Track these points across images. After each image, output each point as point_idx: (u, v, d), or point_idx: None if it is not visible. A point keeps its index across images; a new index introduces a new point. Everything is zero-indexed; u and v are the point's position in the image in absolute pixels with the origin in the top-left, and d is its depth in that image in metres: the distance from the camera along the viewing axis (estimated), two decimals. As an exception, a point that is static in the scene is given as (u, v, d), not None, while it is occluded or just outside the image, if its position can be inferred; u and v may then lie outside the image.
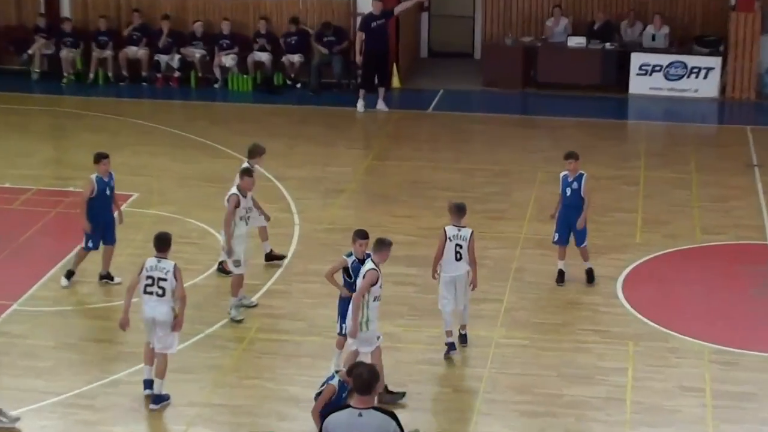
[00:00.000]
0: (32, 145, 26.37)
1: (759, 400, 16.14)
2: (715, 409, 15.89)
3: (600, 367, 17.04)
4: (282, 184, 23.87)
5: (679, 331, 17.97)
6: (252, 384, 16.55)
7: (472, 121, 28.36)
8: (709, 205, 22.82)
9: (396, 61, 30.51)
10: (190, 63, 31.02)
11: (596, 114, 29.06)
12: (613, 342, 17.75)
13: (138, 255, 20.46)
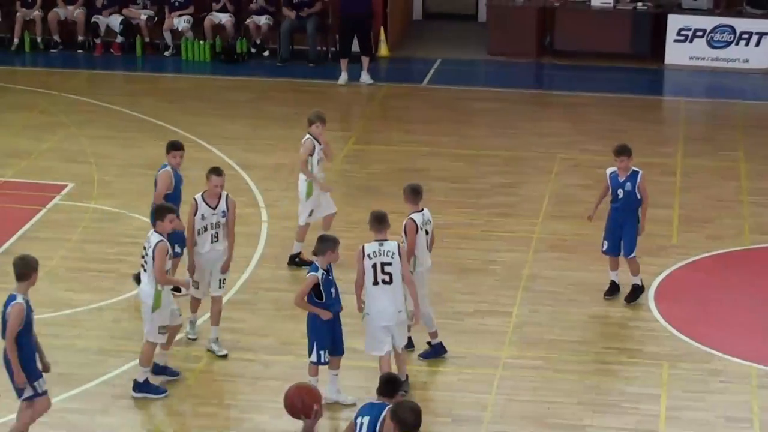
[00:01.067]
0: (-54, 126, 26.63)
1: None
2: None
3: (628, 393, 17.14)
4: (246, 173, 24.09)
5: (723, 350, 18.09)
6: (210, 412, 16.70)
7: (476, 97, 28.46)
8: (760, 200, 23.00)
9: (384, 24, 30.63)
10: (135, 26, 31.20)
11: (625, 89, 29.30)
12: (644, 363, 17.89)
13: (75, 257, 20.77)
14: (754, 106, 28.63)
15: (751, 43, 30.17)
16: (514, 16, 31.25)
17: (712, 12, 30.61)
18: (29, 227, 21.84)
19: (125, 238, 21.45)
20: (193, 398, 17.05)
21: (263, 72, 30.08)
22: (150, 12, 31.02)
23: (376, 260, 16.12)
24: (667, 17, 30.58)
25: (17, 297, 14.67)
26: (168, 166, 19.04)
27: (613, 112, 27.68)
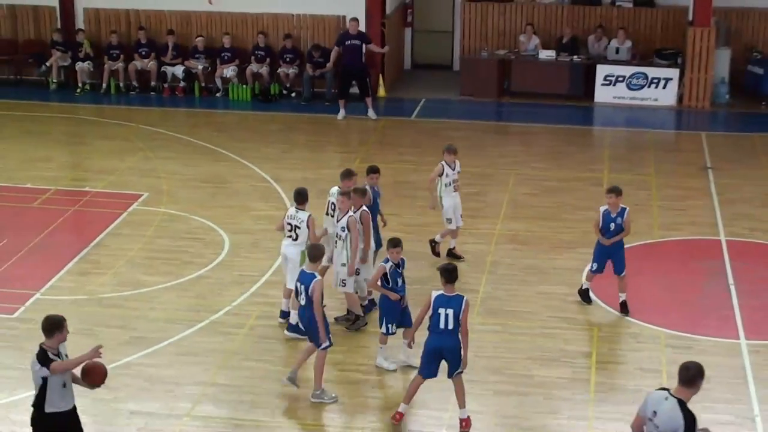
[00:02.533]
0: (51, 150, 26.43)
1: (711, 381, 16.05)
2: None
3: (567, 350, 17.20)
4: (278, 185, 23.95)
5: (639, 318, 18.15)
6: (252, 366, 16.68)
7: (451, 127, 28.30)
8: (666, 204, 22.94)
9: (382, 72, 30.60)
10: (194, 74, 31.06)
11: (564, 121, 29.13)
12: (579, 328, 17.93)
13: (149, 250, 20.75)
14: (662, 134, 28.59)
15: (659, 86, 30.08)
16: (480, 66, 31.13)
17: (630, 63, 30.49)
18: (114, 226, 21.77)
19: (186, 234, 21.44)
20: (239, 354, 17.03)
21: (290, 109, 29.99)
22: (205, 63, 30.96)
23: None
24: (596, 67, 30.45)
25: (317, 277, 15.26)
26: (367, 186, 18.75)
27: (555, 139, 27.67)
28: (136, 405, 15.44)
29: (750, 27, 31.28)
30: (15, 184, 23.92)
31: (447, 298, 14.60)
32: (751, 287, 19.32)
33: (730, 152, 26.51)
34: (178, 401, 15.58)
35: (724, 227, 21.92)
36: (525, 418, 15.42)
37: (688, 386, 11.33)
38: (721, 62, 30.38)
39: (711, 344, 17.39)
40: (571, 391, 16.05)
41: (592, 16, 31.73)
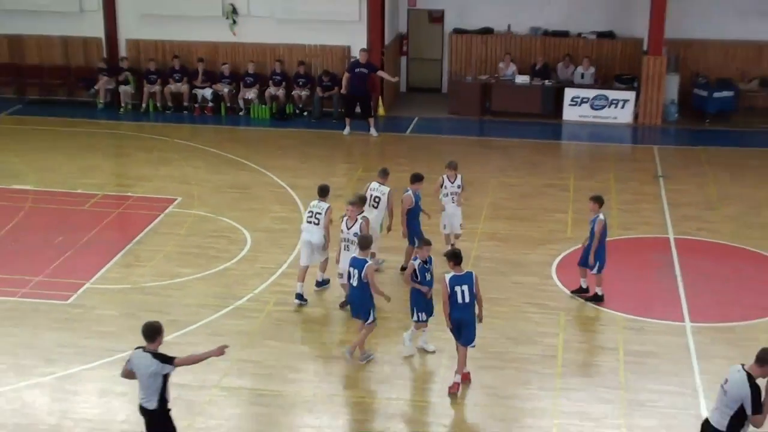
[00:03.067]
0: (98, 161, 26.49)
1: (659, 357, 16.40)
2: (626, 364, 16.19)
3: (538, 331, 17.29)
4: (293, 191, 24.00)
5: (599, 304, 18.22)
6: (270, 344, 16.80)
7: (440, 142, 28.32)
8: (624, 207, 22.97)
9: (381, 94, 30.64)
10: (221, 96, 31.05)
11: (537, 136, 29.11)
12: (548, 313, 17.98)
13: (182, 246, 20.85)
14: (620, 147, 28.59)
15: (618, 106, 30.09)
16: (465, 89, 31.11)
17: (593, 86, 30.53)
18: (153, 225, 21.86)
19: (214, 233, 21.48)
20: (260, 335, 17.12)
21: (303, 126, 29.99)
22: (230, 86, 30.99)
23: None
24: (564, 90, 30.46)
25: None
26: (410, 191, 19.04)
27: (529, 151, 27.67)
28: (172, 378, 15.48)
29: (695, 56, 31.28)
30: (68, 189, 23.98)
31: (459, 276, 15.04)
32: (695, 278, 19.39)
33: (678, 163, 26.54)
34: (208, 374, 15.63)
35: (672, 227, 21.96)
36: (502, 388, 15.53)
37: (759, 364, 11.84)
38: (671, 86, 30.41)
39: (661, 326, 17.49)
40: (541, 366, 16.14)
41: (561, 47, 31.77)
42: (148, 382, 12.30)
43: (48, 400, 15.18)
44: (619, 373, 15.96)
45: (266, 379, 15.73)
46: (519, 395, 15.43)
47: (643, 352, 16.60)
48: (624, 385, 15.61)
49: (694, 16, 30.84)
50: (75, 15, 31.56)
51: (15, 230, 21.55)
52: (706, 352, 16.60)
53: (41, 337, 17.02)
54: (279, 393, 15.36)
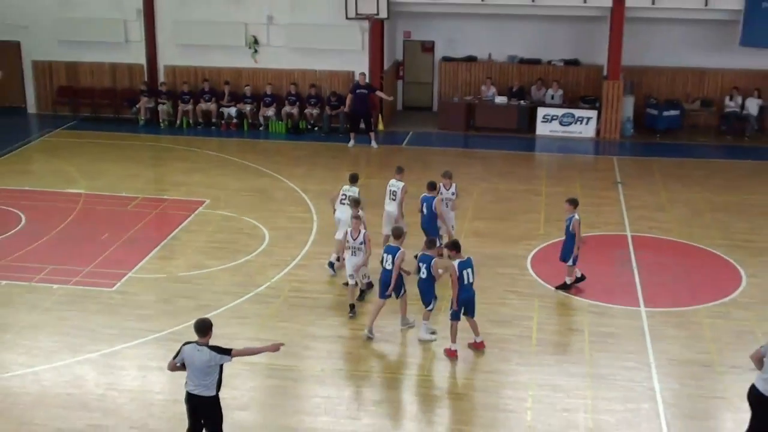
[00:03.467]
0: (139, 169, 26.35)
1: (619, 337, 16.34)
2: (591, 343, 16.13)
3: (515, 315, 17.21)
4: (305, 194, 23.90)
5: (568, 292, 18.13)
6: (285, 326, 16.70)
7: (431, 153, 28.21)
8: (588, 209, 22.64)
9: (381, 112, 30.54)
10: (244, 114, 30.89)
11: (514, 148, 28.91)
12: (524, 299, 17.89)
13: (210, 241, 20.73)
14: (585, 158, 28.46)
15: (583, 123, 29.96)
16: (452, 108, 30.95)
17: (561, 106, 30.41)
18: (185, 224, 21.74)
19: (236, 231, 21.39)
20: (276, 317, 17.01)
21: (314, 139, 29.84)
22: (252, 105, 30.83)
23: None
24: (537, 109, 30.33)
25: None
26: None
27: (507, 162, 27.57)
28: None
29: (647, 80, 31.23)
30: (114, 193, 23.87)
31: (463, 261, 15.51)
32: (649, 270, 19.32)
33: (634, 172, 26.42)
34: (232, 351, 15.54)
35: (629, 226, 21.87)
36: (486, 363, 15.47)
37: None
38: (627, 106, 30.29)
39: (619, 311, 17.42)
40: (519, 345, 16.06)
41: (534, 72, 31.68)
42: (205, 373, 11.81)
43: (95, 374, 15.10)
44: (585, 351, 15.89)
45: (281, 355, 15.43)
46: (500, 370, 15.32)
47: (605, 333, 16.52)
48: (589, 362, 15.53)
49: (647, 46, 30.82)
50: (121, 45, 31.48)
51: (68, 228, 21.43)
52: (658, 333, 16.53)
53: (90, 320, 16.94)
54: (292, 368, 15.26)
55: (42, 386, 14.71)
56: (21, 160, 27.10)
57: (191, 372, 11.91)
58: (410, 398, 14.52)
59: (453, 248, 15.63)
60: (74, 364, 15.36)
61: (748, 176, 26.00)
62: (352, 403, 14.38)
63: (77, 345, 15.99)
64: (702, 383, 14.92)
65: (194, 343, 11.93)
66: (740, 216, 22.68)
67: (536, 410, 14.09)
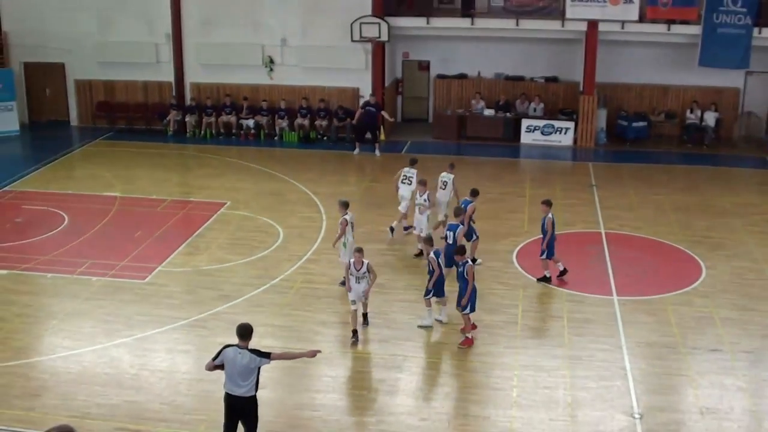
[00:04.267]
0: (168, 174, 26.28)
1: (594, 323, 16.30)
2: (569, 328, 16.09)
3: (503, 303, 17.15)
4: (315, 197, 23.81)
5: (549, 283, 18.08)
6: (298, 314, 16.64)
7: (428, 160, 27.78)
8: (566, 209, 22.67)
9: (383, 123, 30.50)
10: (260, 125, 30.79)
11: (501, 155, 28.83)
12: (510, 289, 17.83)
13: (230, 239, 20.66)
14: (563, 164, 28.40)
15: (562, 132, 29.87)
16: (446, 119, 30.89)
17: (542, 117, 30.29)
18: (209, 223, 21.67)
19: (254, 228, 21.32)
20: (290, 306, 16.92)
21: (323, 147, 29.74)
22: (268, 118, 30.75)
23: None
24: (521, 120, 30.21)
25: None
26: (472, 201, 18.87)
27: (495, 167, 27.50)
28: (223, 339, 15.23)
29: (618, 95, 31.13)
30: (146, 195, 23.82)
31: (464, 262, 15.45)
32: (621, 263, 19.26)
33: (606, 175, 26.34)
34: (251, 336, 15.50)
35: (603, 224, 21.80)
36: (476, 347, 15.40)
37: None
38: (601, 117, 30.23)
39: (595, 299, 17.37)
40: (505, 330, 16.01)
41: (518, 87, 31.56)
42: (245, 375, 11.29)
43: (129, 356, 15.07)
44: (564, 335, 15.85)
45: (294, 340, 15.57)
46: (489, 352, 15.27)
47: (582, 319, 16.48)
48: (568, 345, 15.49)
49: (618, 65, 30.72)
50: (153, 65, 31.44)
51: (106, 227, 21.38)
52: (628, 319, 16.49)
53: (124, 308, 16.90)
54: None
55: (83, 366, 14.69)
56: (64, 167, 27.07)
57: (232, 374, 11.35)
58: (409, 377, 14.46)
59: (460, 252, 15.55)
60: (111, 347, 15.34)
61: (707, 180, 25.95)
62: (358, 380, 14.32)
63: (113, 330, 15.96)
64: (667, 363, 14.88)
65: (235, 347, 11.39)
66: (700, 215, 22.64)
67: (521, 388, 14.06)
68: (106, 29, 31.45)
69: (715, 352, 15.25)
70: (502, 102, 31.07)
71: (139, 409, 13.43)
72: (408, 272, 18.57)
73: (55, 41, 31.66)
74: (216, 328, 15.99)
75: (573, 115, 30.20)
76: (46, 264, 19.03)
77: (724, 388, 14.05)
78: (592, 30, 28.88)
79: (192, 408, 13.48)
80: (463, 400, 13.81)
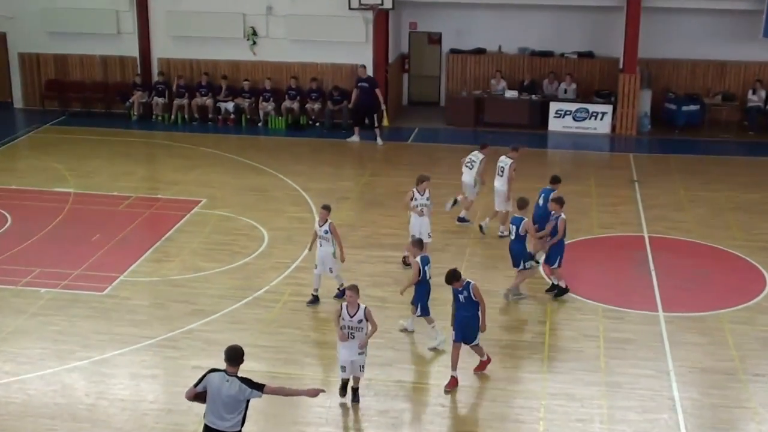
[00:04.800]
0: (132, 166, 26.30)
1: (636, 343, 16.29)
2: (606, 350, 16.05)
3: (527, 320, 17.19)
4: (306, 193, 23.82)
5: (582, 295, 18.07)
6: (285, 331, 16.65)
7: (439, 150, 28.22)
8: (603, 209, 22.85)
9: (386, 107, 30.54)
10: (242, 109, 30.90)
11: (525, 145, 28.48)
12: (536, 303, 17.85)
13: (206, 243, 20.68)
14: (600, 155, 28.49)
15: (598, 118, 29.99)
16: (461, 102, 31.00)
17: (575, 100, 30.43)
18: (180, 224, 21.70)
19: (235, 231, 21.37)
20: (276, 323, 16.94)
21: (316, 135, 29.82)
22: (250, 100, 30.86)
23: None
24: (550, 103, 30.32)
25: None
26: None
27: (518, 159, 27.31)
28: (197, 361, 15.39)
29: (666, 73, 31.23)
30: (105, 192, 23.85)
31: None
32: (667, 272, 19.25)
33: (651, 169, 26.42)
34: (229, 359, 15.50)
35: (646, 226, 21.81)
36: (495, 371, 15.37)
37: None
38: (644, 100, 30.28)
39: (637, 315, 17.35)
40: (530, 351, 16.02)
41: (546, 65, 31.64)
42: (231, 407, 11.13)
43: (85, 382, 15.06)
44: (600, 358, 15.81)
45: (282, 363, 15.58)
46: (510, 378, 15.27)
47: (622, 339, 16.46)
48: (604, 369, 15.45)
49: (665, 37, 30.75)
50: (113, 37, 31.48)
51: (57, 229, 21.40)
52: (677, 339, 16.46)
53: (79, 325, 16.90)
54: (293, 375, 15.16)
55: (28, 395, 14.67)
56: (7, 157, 27.12)
57: (214, 404, 11.15)
58: (416, 408, 14.44)
59: (454, 277, 14.85)
60: (62, 372, 15.29)
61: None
62: (356, 413, 14.31)
63: (66, 352, 15.95)
64: (724, 392, 14.84)
65: (222, 372, 11.18)
66: (763, 216, 22.63)
67: (549, 420, 14.03)
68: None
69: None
70: (527, 82, 31.12)
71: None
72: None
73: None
74: (188, 348, 15.99)
75: (611, 98, 30.25)
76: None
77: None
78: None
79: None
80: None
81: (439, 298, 16.38)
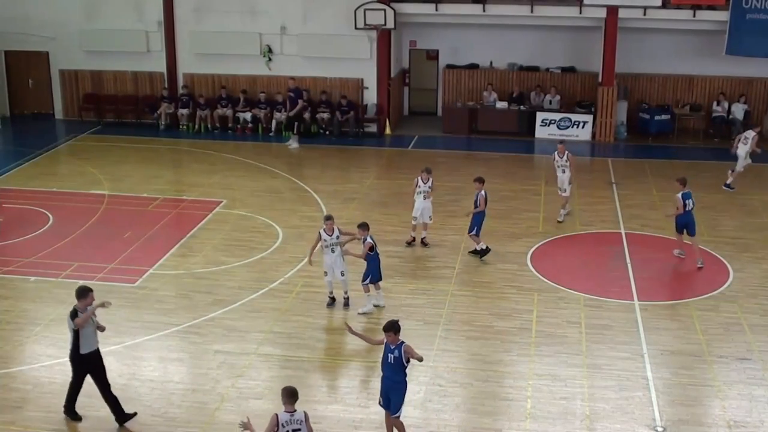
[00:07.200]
0: (160, 171, 26.28)
1: (613, 329, 16.25)
2: (587, 335, 16.03)
3: (517, 308, 17.12)
4: (316, 195, 23.80)
5: (565, 286, 18.06)
6: (298, 319, 16.64)
7: (436, 155, 28.12)
8: (584, 208, 22.79)
9: (388, 117, 30.50)
10: (258, 118, 30.84)
11: (514, 151, 28.81)
12: (524, 293, 17.80)
13: (227, 240, 20.66)
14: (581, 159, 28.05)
15: (579, 126, 29.90)
16: (456, 112, 30.91)
17: (559, 111, 30.33)
18: (203, 223, 21.68)
19: (252, 229, 21.33)
20: (290, 311, 16.91)
21: (325, 142, 29.74)
22: (266, 111, 30.78)
23: (288, 428, 10.76)
24: (536, 113, 30.23)
25: None
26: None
27: (508, 163, 27.47)
28: (218, 346, 15.44)
29: (640, 86, 31.17)
30: (136, 194, 23.83)
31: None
32: (642, 265, 19.23)
33: (627, 172, 26.34)
34: (247, 344, 15.57)
35: (623, 224, 21.77)
36: (487, 355, 15.37)
37: None
38: (621, 110, 30.26)
39: (614, 304, 17.33)
40: (519, 337, 15.98)
41: (533, 79, 31.58)
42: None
43: (118, 364, 15.03)
44: (581, 342, 15.80)
45: (294, 347, 15.56)
46: (501, 361, 15.25)
47: (601, 326, 16.44)
48: (585, 353, 15.44)
49: (639, 54, 30.75)
50: (143, 54, 31.46)
51: (93, 227, 21.39)
52: (651, 325, 16.45)
53: (113, 313, 16.67)
54: (305, 359, 15.17)
55: (68, 376, 14.49)
56: (49, 163, 27.11)
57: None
58: (416, 387, 14.40)
59: (393, 328, 12.33)
60: (98, 356, 15.30)
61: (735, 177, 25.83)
62: (361, 392, 14.31)
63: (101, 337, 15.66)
64: (692, 372, 14.84)
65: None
66: (727, 214, 22.62)
67: (536, 398, 14.03)
68: (92, 15, 31.47)
69: (744, 361, 15.21)
70: (516, 94, 31.06)
71: (128, 422, 13.42)
72: (414, 276, 18.54)
73: (37, 28, 31.70)
74: (210, 334, 15.99)
75: (591, 108, 30.18)
76: (28, 267, 19.04)
77: (754, 400, 14.00)
78: (612, 16, 28.84)
79: (185, 420, 13.47)
80: (473, 412, 13.78)
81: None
